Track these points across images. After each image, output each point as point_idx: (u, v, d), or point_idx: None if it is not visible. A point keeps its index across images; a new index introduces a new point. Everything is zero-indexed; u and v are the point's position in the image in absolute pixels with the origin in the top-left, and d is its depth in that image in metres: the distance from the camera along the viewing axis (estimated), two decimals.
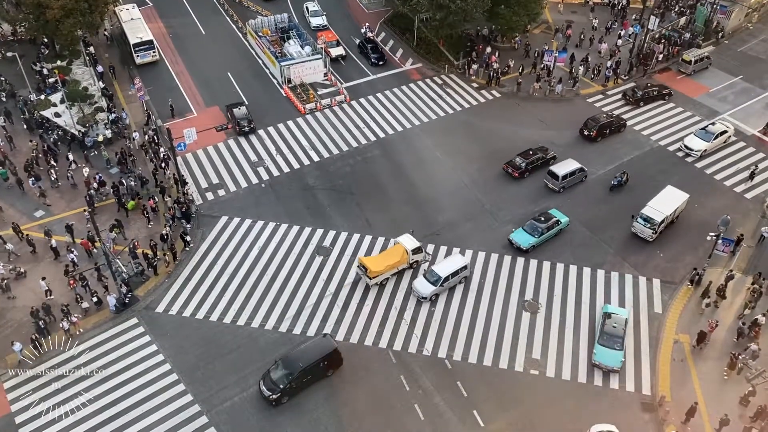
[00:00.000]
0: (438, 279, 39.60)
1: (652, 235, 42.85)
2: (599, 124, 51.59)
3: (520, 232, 43.13)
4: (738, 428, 33.41)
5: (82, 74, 56.71)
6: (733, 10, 63.97)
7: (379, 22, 66.97)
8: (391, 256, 40.98)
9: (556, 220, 43.48)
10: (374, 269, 40.01)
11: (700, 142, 49.81)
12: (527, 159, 48.63)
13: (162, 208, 45.32)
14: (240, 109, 52.87)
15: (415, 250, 41.44)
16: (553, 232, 43.29)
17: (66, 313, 37.47)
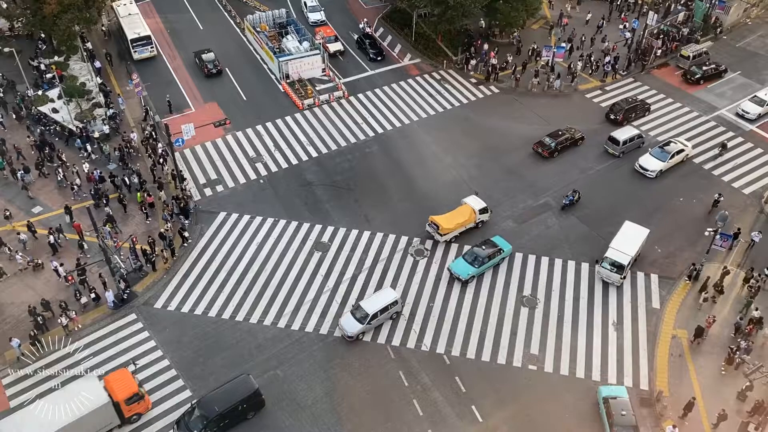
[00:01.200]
0: (365, 316, 36.91)
1: (620, 279, 39.86)
2: (625, 108, 52.98)
3: (460, 262, 40.72)
4: (735, 423, 33.54)
5: (79, 70, 56.57)
6: (731, 6, 63.92)
7: (377, 17, 66.85)
8: (460, 215, 43.02)
9: (497, 249, 41.15)
10: (445, 226, 42.30)
11: (656, 162, 47.82)
12: (556, 139, 49.96)
13: (160, 204, 45.27)
14: (208, 54, 58.78)
15: (482, 210, 43.71)
16: (495, 261, 41.03)
17: (64, 309, 37.47)
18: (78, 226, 42.28)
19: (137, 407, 33.23)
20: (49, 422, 30.57)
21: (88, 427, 31.87)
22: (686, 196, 46.83)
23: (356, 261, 42.11)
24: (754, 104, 53.79)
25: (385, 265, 41.94)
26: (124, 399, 32.50)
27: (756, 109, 53.40)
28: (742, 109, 53.82)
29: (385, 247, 43.11)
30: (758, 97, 54.20)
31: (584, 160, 49.73)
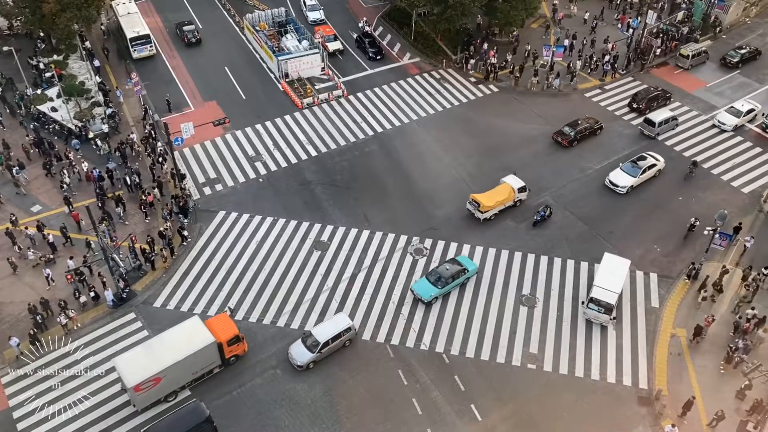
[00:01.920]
0: (316, 344, 35.28)
1: (610, 320, 37.52)
2: (648, 97, 54.15)
3: (423, 282, 39.34)
4: (734, 422, 33.57)
5: (78, 69, 56.53)
6: (730, 5, 63.92)
7: (376, 16, 66.82)
8: (500, 193, 44.42)
9: (462, 269, 39.91)
10: (486, 204, 43.61)
11: (627, 178, 46.43)
12: (575, 128, 50.92)
13: (159, 203, 45.26)
14: (188, 25, 62.75)
15: (520, 188, 45.04)
16: (459, 281, 39.79)
17: (63, 308, 37.45)
18: (76, 216, 42.74)
19: (236, 349, 35.59)
20: (163, 358, 33.31)
21: (194, 365, 34.38)
22: (685, 195, 46.84)
23: (355, 260, 42.11)
24: (730, 115, 52.14)
25: (385, 264, 41.95)
26: (227, 340, 34.78)
27: (732, 120, 51.71)
28: (718, 120, 52.18)
29: (384, 246, 43.11)
30: (735, 107, 52.54)
31: (584, 160, 49.73)
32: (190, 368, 34.35)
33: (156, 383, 32.99)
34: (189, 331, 34.71)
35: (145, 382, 32.49)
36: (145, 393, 32.90)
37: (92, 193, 45.21)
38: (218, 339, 34.42)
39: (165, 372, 33.10)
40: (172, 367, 33.32)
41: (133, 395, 32.98)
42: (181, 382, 34.41)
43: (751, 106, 52.59)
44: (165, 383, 33.43)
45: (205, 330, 34.66)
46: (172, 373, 33.42)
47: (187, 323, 35.40)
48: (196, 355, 33.95)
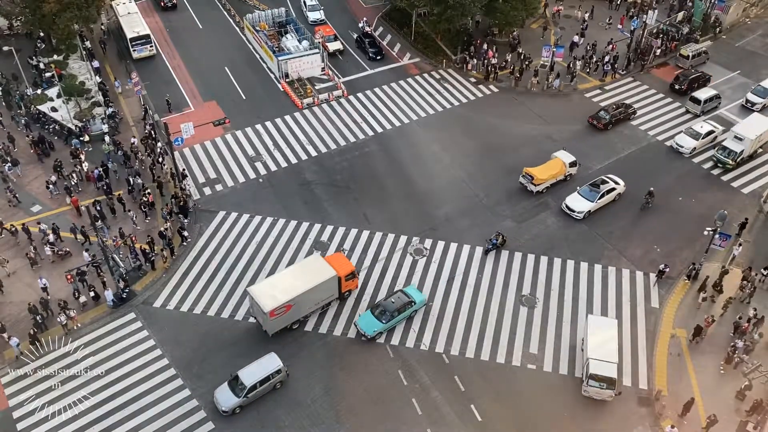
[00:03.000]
0: (243, 388, 33.40)
1: (613, 394, 33.98)
2: (690, 78, 56.20)
3: (367, 317, 37.51)
4: (733, 422, 33.57)
5: (78, 69, 56.53)
6: (730, 5, 63.96)
7: (376, 16, 66.83)
8: (552, 167, 46.26)
9: (409, 301, 38.00)
10: (540, 177, 45.48)
11: (584, 203, 44.53)
12: (610, 112, 52.53)
13: (159, 203, 45.27)
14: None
15: (571, 163, 46.88)
16: (406, 314, 37.95)
17: (63, 308, 37.45)
18: (75, 201, 43.27)
19: (351, 284, 39.17)
20: (293, 288, 36.60)
21: (317, 296, 37.79)
22: (685, 194, 46.85)
23: (355, 260, 42.06)
24: (689, 137, 49.88)
25: (385, 264, 41.94)
26: (345, 275, 38.26)
27: (691, 143, 49.49)
28: (676, 142, 49.97)
29: (384, 247, 43.10)
30: (693, 129, 50.28)
31: (585, 159, 49.59)
32: (314, 299, 37.74)
33: (287, 310, 36.36)
34: (312, 266, 38.27)
35: (278, 308, 35.79)
36: (277, 319, 36.20)
37: (92, 192, 45.21)
38: (338, 273, 37.77)
39: (295, 300, 36.43)
40: (301, 296, 36.67)
41: (267, 321, 36.03)
42: (306, 311, 37.81)
43: (711, 128, 50.33)
44: (294, 311, 36.82)
45: (327, 265, 38.09)
46: (300, 301, 36.82)
47: (308, 259, 39.42)
48: (320, 286, 37.36)
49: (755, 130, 48.54)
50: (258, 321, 37.51)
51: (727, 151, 48.21)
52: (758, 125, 49.14)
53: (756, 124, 49.24)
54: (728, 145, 48.34)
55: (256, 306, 36.44)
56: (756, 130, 48.47)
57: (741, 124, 49.51)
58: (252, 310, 37.78)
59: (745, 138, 47.90)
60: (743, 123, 49.71)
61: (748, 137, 47.84)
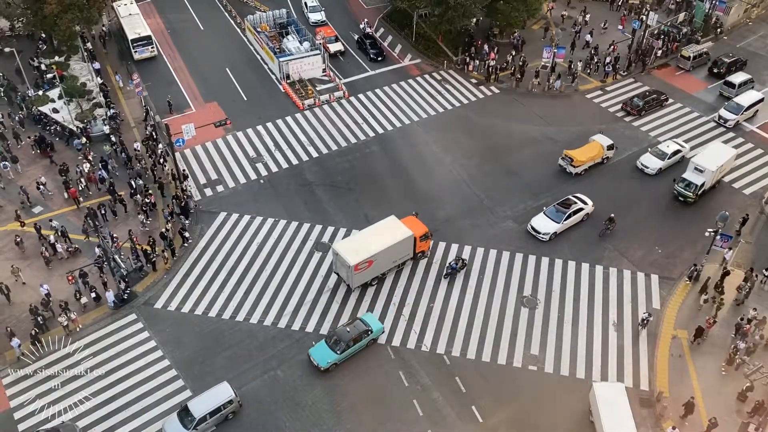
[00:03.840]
0: (192, 420, 31.98)
1: None
2: (728, 63, 57.84)
3: (321, 347, 35.82)
4: (735, 424, 33.53)
5: (80, 70, 56.60)
6: (731, 6, 63.94)
7: (377, 17, 66.87)
8: (591, 150, 47.78)
9: (365, 330, 36.45)
10: (579, 159, 46.98)
11: (550, 224, 43.11)
12: (644, 99, 53.88)
13: (160, 204, 45.32)
14: None
15: (609, 146, 48.23)
16: (362, 344, 36.38)
17: (65, 309, 37.47)
18: (74, 192, 43.70)
19: (424, 245, 41.48)
20: (374, 245, 39.20)
21: (395, 255, 40.37)
22: None
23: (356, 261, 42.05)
24: (654, 157, 47.92)
25: None
26: (419, 236, 40.68)
27: (657, 164, 47.46)
28: (641, 163, 48.04)
29: None
30: (659, 149, 48.25)
31: None
32: (392, 257, 40.20)
33: (369, 265, 38.92)
34: (389, 226, 40.70)
35: (362, 263, 38.42)
36: (360, 273, 38.85)
37: (95, 193, 45.22)
38: (414, 233, 40.08)
39: (376, 257, 38.97)
40: (382, 252, 39.16)
41: (351, 275, 38.65)
42: (384, 268, 40.28)
43: (677, 147, 48.40)
44: (374, 267, 39.38)
45: (403, 226, 40.62)
46: (380, 258, 39.33)
47: (385, 221, 41.38)
48: (398, 245, 39.83)
49: (716, 160, 44.99)
50: (341, 276, 40.00)
51: (687, 183, 44.92)
52: (719, 155, 45.72)
53: (716, 154, 45.81)
54: (688, 178, 44.98)
55: (340, 262, 39.03)
56: (717, 161, 44.92)
57: (701, 155, 45.76)
58: (335, 266, 40.21)
59: (706, 170, 44.33)
60: (703, 153, 45.99)
61: (708, 169, 44.28)
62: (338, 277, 40.43)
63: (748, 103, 52.28)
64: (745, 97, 53.06)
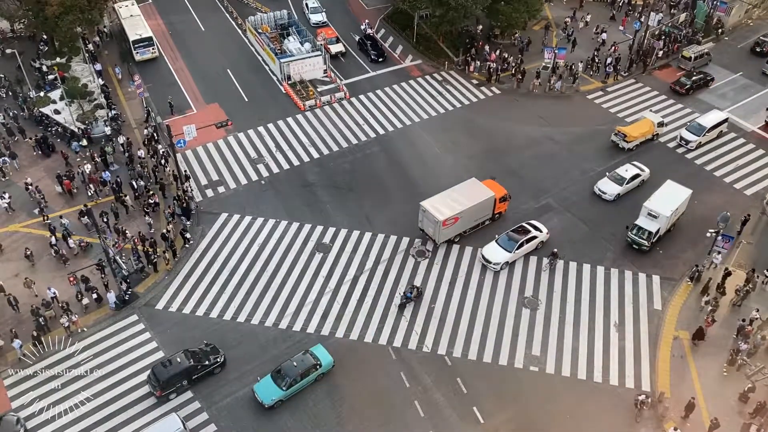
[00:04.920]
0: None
1: None
2: None
3: (266, 383, 34.07)
4: (736, 425, 33.48)
5: (81, 71, 56.65)
6: (733, 7, 63.93)
7: (378, 18, 66.89)
8: (643, 126, 49.95)
9: (314, 364, 34.66)
10: (632, 134, 49.08)
11: (501, 253, 41.32)
12: (691, 78, 56.36)
13: (162, 205, 45.34)
14: None
15: (659, 123, 50.40)
16: (310, 379, 34.58)
17: (66, 310, 37.49)
18: (68, 184, 44.32)
19: (502, 206, 44.29)
20: (459, 203, 42.11)
21: (477, 213, 43.09)
22: None
23: (357, 262, 42.11)
24: (613, 183, 45.98)
25: (387, 266, 41.94)
26: (499, 197, 43.53)
27: (614, 189, 45.52)
28: (599, 188, 46.04)
29: (386, 248, 43.10)
30: (618, 174, 46.18)
31: (587, 161, 49.67)
32: (474, 216, 42.85)
33: (455, 222, 41.61)
34: (472, 188, 43.52)
35: (449, 218, 41.17)
36: (447, 229, 41.56)
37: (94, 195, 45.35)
38: (495, 194, 42.87)
39: (461, 214, 41.78)
40: (467, 210, 41.97)
41: (438, 230, 41.45)
42: (466, 226, 42.86)
43: (636, 171, 46.40)
44: (459, 224, 42.12)
45: (485, 187, 43.49)
46: (465, 216, 42.14)
47: (467, 182, 44.20)
48: (480, 204, 42.61)
49: (671, 204, 41.73)
50: (427, 233, 42.65)
51: (640, 230, 41.72)
52: (673, 197, 42.41)
53: (671, 197, 42.40)
54: (642, 225, 41.76)
55: (429, 218, 41.76)
56: (671, 205, 41.72)
57: (654, 199, 42.20)
58: (422, 223, 42.72)
59: (660, 215, 41.20)
60: (656, 197, 42.40)
61: (663, 214, 41.12)
62: (423, 233, 43.09)
63: (710, 124, 49.89)
64: (707, 117, 50.70)
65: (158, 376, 33.78)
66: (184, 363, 34.37)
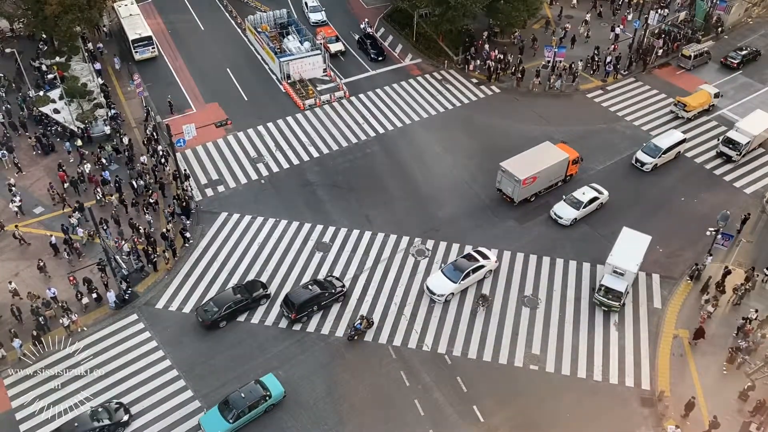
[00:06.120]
0: None
1: None
2: None
3: (213, 415, 32.58)
4: (736, 423, 33.50)
5: (81, 70, 56.62)
6: (732, 5, 63.90)
7: (378, 17, 66.85)
8: (701, 97, 53.12)
9: (263, 395, 33.12)
10: (692, 104, 52.27)
11: (445, 284, 39.41)
12: (741, 53, 59.68)
13: (162, 204, 45.34)
14: None
15: (715, 95, 53.61)
16: (260, 411, 33.13)
17: (66, 310, 37.50)
18: (62, 176, 45.15)
19: (573, 169, 46.61)
20: (537, 164, 44.49)
21: (552, 174, 45.54)
22: (688, 195, 46.79)
23: (357, 261, 42.12)
24: (569, 207, 44.18)
25: (387, 265, 41.93)
26: (572, 159, 45.96)
27: (571, 214, 43.83)
28: (555, 213, 44.40)
29: (386, 248, 43.09)
30: (574, 197, 44.32)
31: (587, 160, 49.38)
32: (550, 176, 45.30)
33: (533, 181, 44.18)
34: (547, 150, 46.05)
35: (528, 177, 43.67)
36: (525, 188, 44.06)
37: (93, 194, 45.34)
38: (570, 156, 45.49)
39: (539, 174, 44.26)
40: (543, 171, 44.40)
41: (517, 189, 44.02)
42: (541, 186, 45.30)
43: (594, 194, 44.72)
44: (536, 183, 44.57)
45: (559, 149, 45.95)
46: (542, 176, 44.57)
47: (542, 145, 46.58)
48: (556, 165, 45.07)
49: (635, 257, 39.20)
50: (505, 192, 45.01)
51: (607, 290, 38.61)
52: (635, 248, 39.73)
53: (633, 248, 39.69)
54: (609, 285, 38.61)
55: (507, 177, 44.20)
56: (636, 257, 39.25)
57: (617, 253, 39.24)
58: (500, 183, 45.15)
59: (627, 272, 38.66)
60: (618, 251, 39.36)
61: (629, 270, 38.63)
62: (499, 192, 45.53)
63: (667, 145, 47.88)
64: (664, 139, 48.64)
65: (293, 301, 37.72)
66: (315, 290, 38.30)
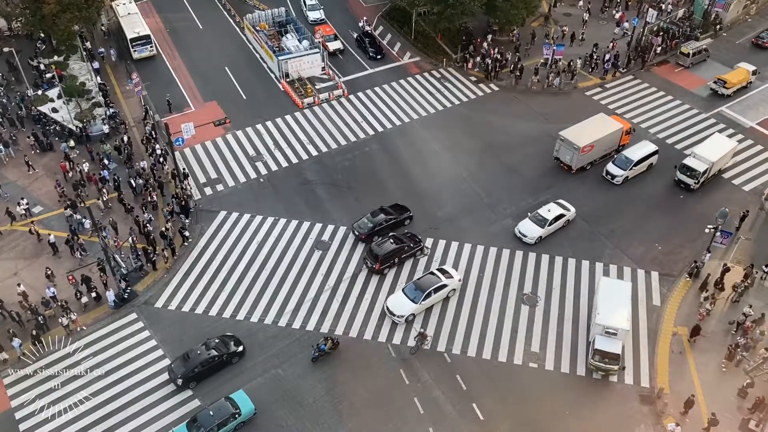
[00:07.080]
0: None
1: None
2: None
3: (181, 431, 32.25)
4: (735, 420, 33.55)
5: (79, 69, 56.56)
6: (731, 3, 63.87)
7: (376, 15, 66.82)
8: (740, 74, 55.58)
9: (233, 413, 32.34)
10: (732, 81, 54.61)
11: (406, 305, 38.05)
12: None
13: (161, 203, 45.32)
14: None
15: (753, 72, 56.02)
16: (229, 429, 32.36)
17: (65, 309, 37.48)
18: (64, 167, 45.53)
19: (626, 139, 48.78)
20: (594, 133, 46.84)
21: (606, 144, 47.85)
22: (686, 193, 46.77)
23: (357, 259, 42.11)
24: (534, 224, 42.76)
25: None
26: (626, 130, 48.29)
27: (536, 232, 42.39)
28: (519, 231, 42.85)
29: None
30: (540, 215, 42.99)
31: None
32: (605, 146, 47.66)
33: (590, 149, 46.52)
34: (602, 120, 48.66)
35: (587, 146, 45.95)
36: (583, 156, 46.43)
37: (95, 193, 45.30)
38: (624, 127, 48.08)
39: (596, 142, 46.55)
40: (600, 140, 46.72)
41: (576, 157, 46.37)
42: (596, 155, 47.63)
43: (560, 212, 43.36)
44: (593, 152, 46.88)
45: (613, 120, 48.56)
46: (598, 145, 46.84)
47: (595, 117, 49.31)
48: (611, 135, 47.46)
49: (623, 311, 36.88)
50: (563, 161, 47.39)
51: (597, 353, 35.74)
52: (620, 298, 37.48)
53: (618, 300, 37.38)
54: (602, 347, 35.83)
55: (566, 146, 46.48)
56: (624, 312, 36.87)
57: (603, 312, 36.74)
58: (558, 152, 47.55)
59: (619, 330, 35.96)
60: (603, 310, 36.81)
61: (622, 328, 36.06)
62: (557, 161, 47.88)
63: (638, 157, 46.78)
64: (636, 151, 47.39)
65: (377, 253, 40.33)
66: (391, 246, 40.71)
